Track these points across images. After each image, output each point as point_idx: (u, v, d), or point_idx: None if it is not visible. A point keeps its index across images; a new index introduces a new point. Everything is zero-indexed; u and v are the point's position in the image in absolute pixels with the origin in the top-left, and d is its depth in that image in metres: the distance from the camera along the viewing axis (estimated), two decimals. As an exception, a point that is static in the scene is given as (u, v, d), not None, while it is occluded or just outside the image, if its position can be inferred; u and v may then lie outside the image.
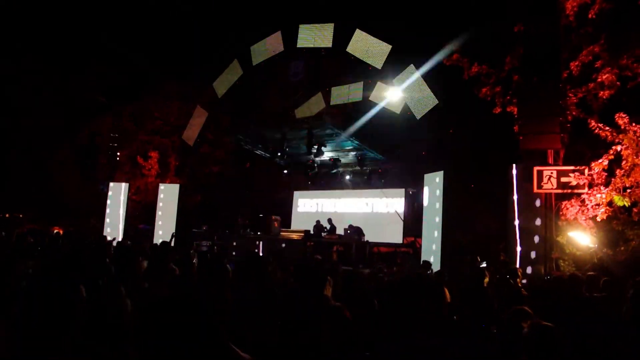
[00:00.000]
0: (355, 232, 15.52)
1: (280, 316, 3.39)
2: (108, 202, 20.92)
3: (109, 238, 14.63)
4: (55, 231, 22.93)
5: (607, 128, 10.29)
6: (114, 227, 20.19)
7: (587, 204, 10.37)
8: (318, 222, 17.77)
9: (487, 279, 8.08)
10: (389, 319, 3.71)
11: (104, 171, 22.74)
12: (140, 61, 29.53)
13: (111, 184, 21.26)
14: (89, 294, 3.66)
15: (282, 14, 23.22)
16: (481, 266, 9.38)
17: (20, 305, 2.76)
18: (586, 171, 10.35)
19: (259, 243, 16.80)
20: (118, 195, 20.85)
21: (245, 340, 2.83)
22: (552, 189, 10.69)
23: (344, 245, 16.55)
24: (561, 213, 10.93)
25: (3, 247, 7.97)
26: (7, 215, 31.87)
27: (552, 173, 10.70)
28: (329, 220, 17.99)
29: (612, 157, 10.17)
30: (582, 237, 10.64)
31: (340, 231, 16.72)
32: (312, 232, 16.83)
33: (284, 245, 16.02)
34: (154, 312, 1.86)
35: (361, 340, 3.38)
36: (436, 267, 12.44)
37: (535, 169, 10.88)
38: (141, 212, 23.69)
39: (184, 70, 27.06)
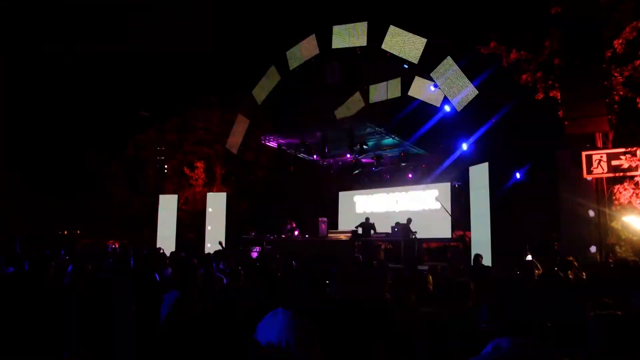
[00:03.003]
0: (403, 229, 15.39)
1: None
2: (159, 213, 21.46)
3: (162, 249, 15.03)
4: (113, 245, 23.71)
5: (657, 106, 9.90)
6: (167, 237, 20.68)
7: (642, 187, 10.00)
8: (367, 219, 17.67)
9: (538, 272, 7.88)
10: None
11: (152, 184, 23.33)
12: (181, 74, 30.20)
13: (161, 196, 21.79)
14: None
15: (316, 16, 23.20)
16: (527, 259, 9.13)
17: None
18: (638, 152, 9.96)
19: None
20: (168, 206, 21.37)
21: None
22: (602, 173, 10.35)
23: (392, 243, 16.44)
24: (614, 198, 10.57)
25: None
26: (65, 232, 33.17)
27: (601, 157, 10.36)
28: (367, 219, 17.76)
29: (665, 135, 9.78)
30: (637, 221, 10.24)
31: (387, 229, 16.60)
32: (359, 231, 16.78)
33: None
34: (192, 328, 1.93)
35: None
36: (487, 260, 12.24)
37: (584, 153, 10.55)
38: (191, 222, 24.20)
39: (223, 80, 27.48)
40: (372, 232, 16.76)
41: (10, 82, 28.55)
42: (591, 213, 10.48)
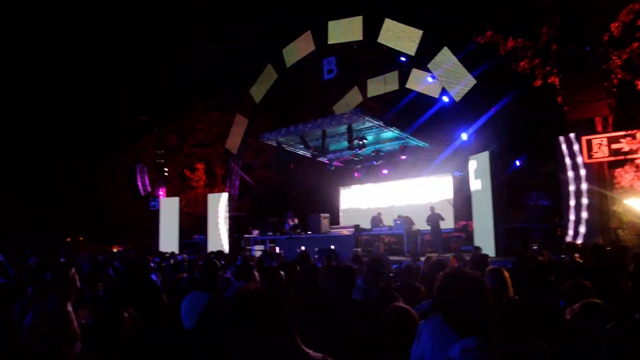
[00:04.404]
0: (404, 222, 15.36)
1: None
2: (161, 217, 21.45)
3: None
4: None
5: (657, 87, 9.86)
6: (170, 241, 20.67)
7: (643, 169, 9.96)
8: (379, 214, 17.69)
9: (541, 258, 7.85)
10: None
11: (153, 188, 23.29)
12: (180, 78, 30.20)
13: (162, 199, 21.77)
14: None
15: (311, 12, 23.12)
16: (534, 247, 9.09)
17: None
18: (638, 135, 9.91)
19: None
20: (170, 209, 21.36)
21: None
22: (603, 157, 10.30)
23: (395, 237, 16.43)
24: (616, 181, 10.52)
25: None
26: (68, 240, 33.16)
27: (602, 141, 10.32)
28: (379, 214, 17.86)
29: (665, 117, 9.73)
30: (640, 204, 10.21)
31: (389, 223, 16.59)
32: (371, 225, 16.87)
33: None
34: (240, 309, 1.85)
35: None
36: (490, 249, 12.21)
37: (584, 138, 10.51)
38: (194, 224, 24.18)
39: (220, 81, 27.45)
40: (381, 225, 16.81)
41: (9, 88, 28.61)
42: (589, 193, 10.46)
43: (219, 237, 19.56)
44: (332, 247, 14.76)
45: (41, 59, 30.66)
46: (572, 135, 10.99)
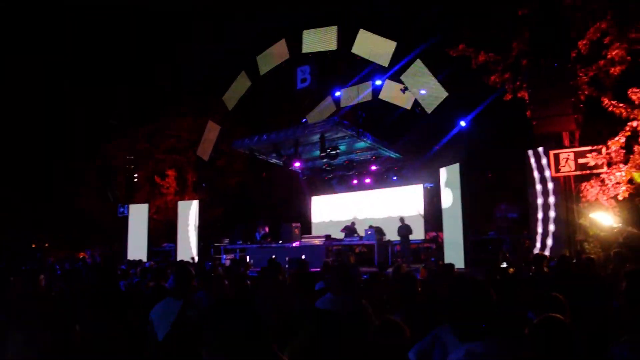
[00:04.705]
0: (375, 232, 15.39)
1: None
2: (129, 224, 21.06)
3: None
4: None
5: (621, 104, 10.11)
6: (138, 247, 20.30)
7: (608, 184, 10.19)
8: (353, 224, 17.64)
9: (511, 269, 7.96)
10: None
11: (122, 193, 22.89)
12: (153, 82, 29.87)
13: (131, 206, 21.41)
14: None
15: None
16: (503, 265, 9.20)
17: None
18: (603, 150, 10.18)
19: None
20: (139, 216, 20.99)
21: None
22: (570, 171, 10.54)
23: (366, 247, 16.45)
24: (582, 195, 10.75)
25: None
26: (33, 245, 32.31)
27: (569, 155, 10.56)
28: (352, 224, 17.84)
29: (628, 133, 10.00)
30: (605, 218, 10.43)
31: (360, 232, 16.61)
32: (345, 235, 16.81)
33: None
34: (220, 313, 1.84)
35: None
36: (460, 260, 12.32)
37: (552, 152, 10.74)
38: (164, 231, 23.84)
39: (194, 86, 27.24)
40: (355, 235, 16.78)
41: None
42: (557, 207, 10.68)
43: (189, 245, 19.32)
44: (303, 256, 14.71)
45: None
46: (540, 149, 11.22)
